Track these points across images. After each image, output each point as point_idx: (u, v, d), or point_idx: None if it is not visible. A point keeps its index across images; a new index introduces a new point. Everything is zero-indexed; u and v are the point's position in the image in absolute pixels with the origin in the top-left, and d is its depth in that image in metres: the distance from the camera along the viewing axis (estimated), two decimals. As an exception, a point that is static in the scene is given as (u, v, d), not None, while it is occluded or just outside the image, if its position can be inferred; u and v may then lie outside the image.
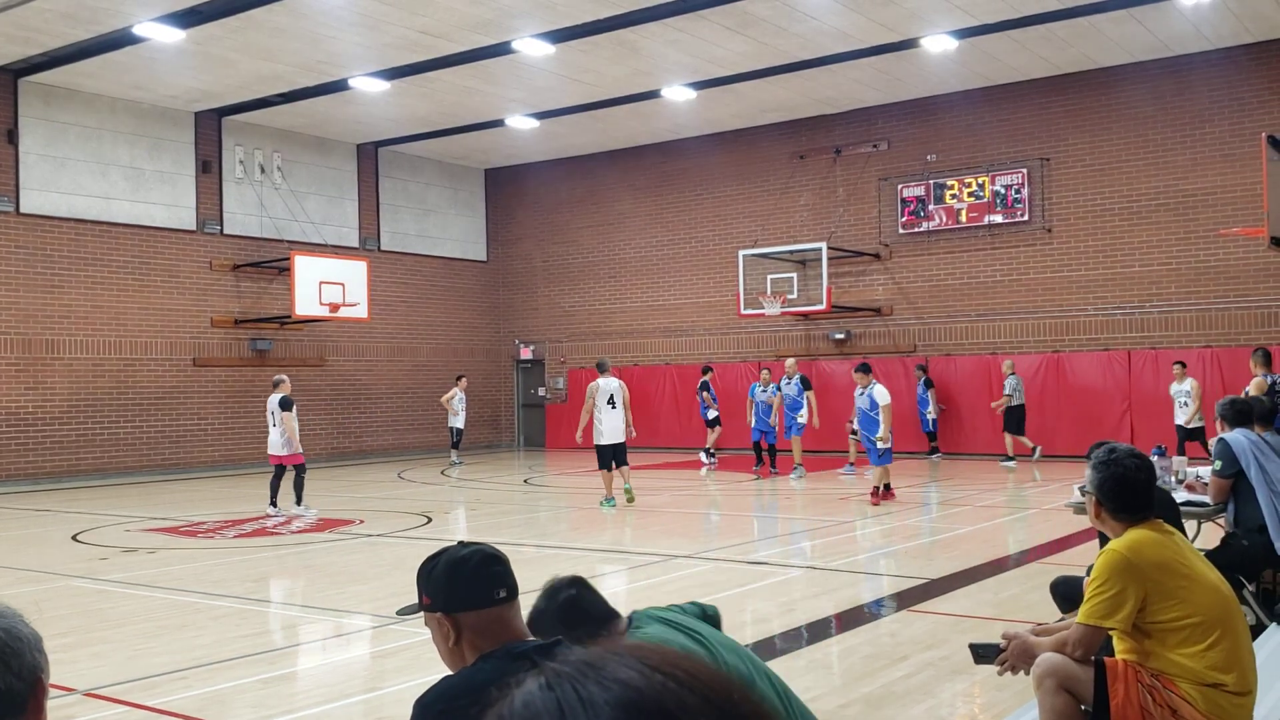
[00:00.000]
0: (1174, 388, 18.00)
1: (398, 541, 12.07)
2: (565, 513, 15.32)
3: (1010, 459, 19.87)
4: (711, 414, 20.89)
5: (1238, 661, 3.57)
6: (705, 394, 20.93)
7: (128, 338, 21.25)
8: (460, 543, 2.58)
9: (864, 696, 5.76)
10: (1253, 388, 12.75)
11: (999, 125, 21.92)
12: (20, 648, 1.65)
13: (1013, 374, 20.14)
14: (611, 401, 14.40)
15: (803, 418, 17.68)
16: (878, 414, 13.89)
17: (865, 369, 14.44)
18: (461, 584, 2.47)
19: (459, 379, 22.84)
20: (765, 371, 19.26)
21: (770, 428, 18.58)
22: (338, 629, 8.05)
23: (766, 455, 18.90)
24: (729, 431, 21.88)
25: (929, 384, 21.47)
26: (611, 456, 14.40)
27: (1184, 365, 18.07)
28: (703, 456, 21.18)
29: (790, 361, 18.75)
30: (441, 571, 2.49)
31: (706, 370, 21.52)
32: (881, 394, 13.99)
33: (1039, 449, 20.00)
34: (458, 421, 22.38)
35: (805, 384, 17.83)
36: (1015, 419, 19.95)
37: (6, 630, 1.65)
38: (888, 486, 14.36)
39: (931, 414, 21.42)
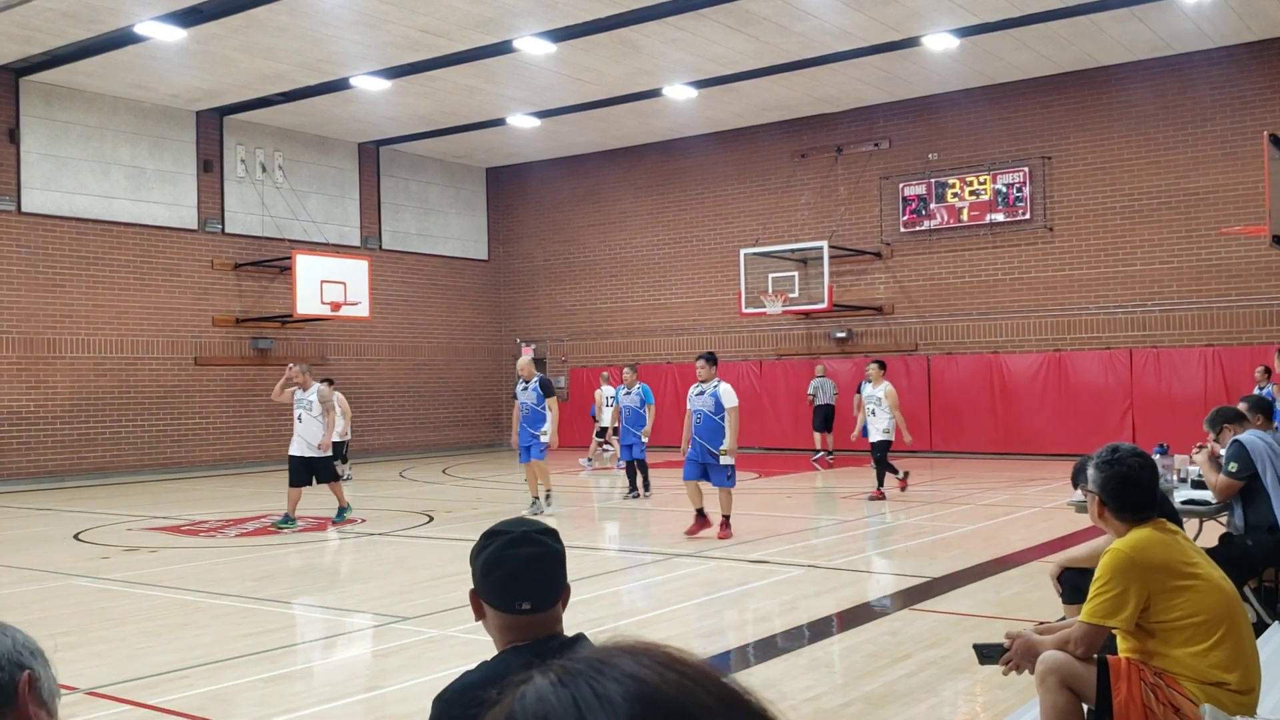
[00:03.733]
0: (866, 391, 15.25)
1: (399, 540, 12.07)
2: (566, 511, 15.32)
3: (829, 453, 20.59)
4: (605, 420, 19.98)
5: (1241, 660, 3.56)
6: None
7: (129, 337, 21.26)
8: (524, 533, 2.49)
9: (866, 695, 5.76)
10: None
11: (1000, 124, 21.91)
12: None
13: (821, 376, 21.09)
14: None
15: (545, 436, 13.81)
16: (723, 418, 11.27)
17: (711, 359, 11.70)
18: (490, 585, 2.46)
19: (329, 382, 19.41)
20: (628, 371, 16.26)
21: (637, 439, 15.68)
22: (339, 628, 8.05)
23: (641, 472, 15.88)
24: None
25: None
26: None
27: (882, 366, 15.38)
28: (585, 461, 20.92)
29: (525, 360, 14.47)
30: (481, 563, 2.47)
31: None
32: (728, 394, 11.36)
33: (832, 455, 20.72)
34: (347, 430, 19.07)
35: (545, 389, 13.96)
36: (820, 418, 20.80)
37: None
38: (726, 516, 11.62)
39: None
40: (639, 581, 9.52)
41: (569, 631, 2.51)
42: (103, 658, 6.87)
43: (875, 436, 14.87)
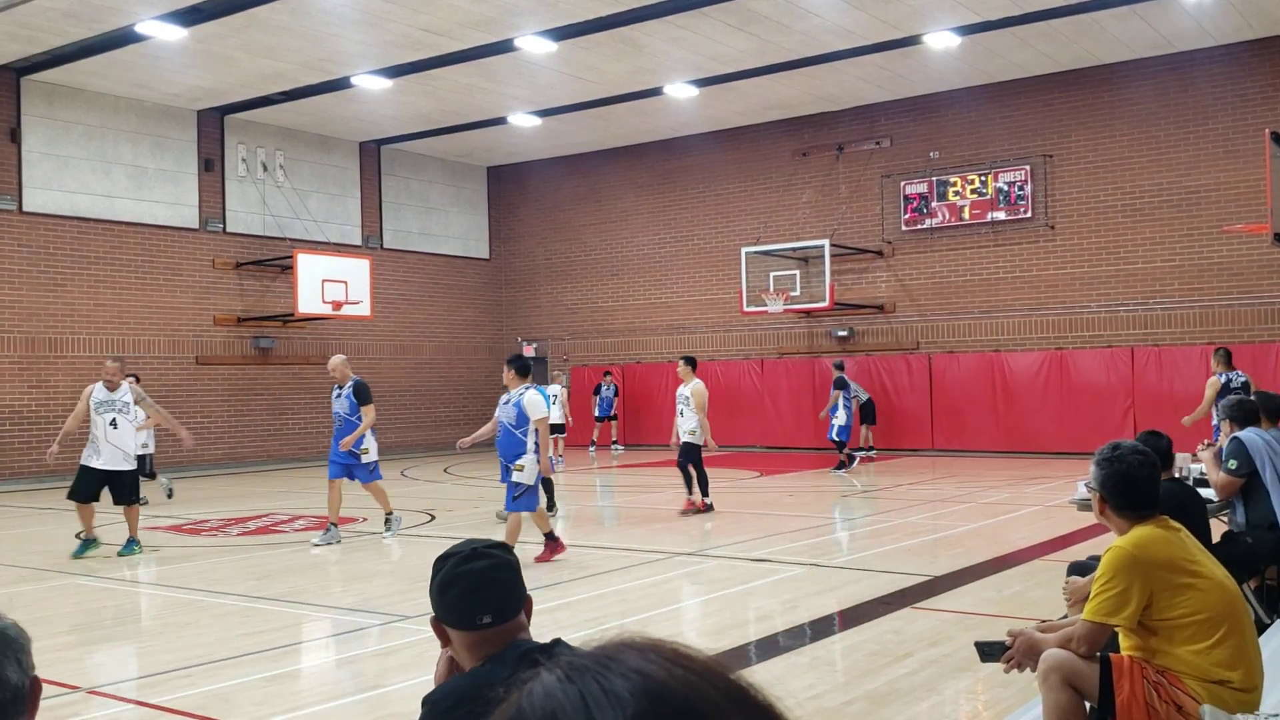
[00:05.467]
0: (679, 390, 13.85)
1: (401, 539, 12.08)
2: (567, 511, 15.32)
3: (870, 449, 20.86)
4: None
5: (1244, 658, 3.56)
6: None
7: (130, 336, 21.26)
8: (474, 550, 2.50)
9: (868, 694, 5.76)
10: (1209, 387, 12.97)
11: (1002, 122, 21.90)
12: (27, 644, 1.66)
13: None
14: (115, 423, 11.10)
15: (368, 455, 12.12)
16: (524, 432, 9.84)
17: (521, 369, 10.17)
18: (447, 605, 2.44)
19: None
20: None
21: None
22: (340, 627, 8.05)
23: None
24: (734, 429, 21.90)
25: (843, 384, 18.82)
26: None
27: (691, 362, 13.79)
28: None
29: (336, 359, 12.13)
30: (436, 585, 2.47)
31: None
32: (534, 405, 9.86)
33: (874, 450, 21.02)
34: (148, 442, 15.82)
35: (360, 395, 11.88)
36: (863, 414, 20.74)
37: (10, 625, 1.65)
38: (553, 535, 10.29)
39: (840, 420, 18.69)
40: (641, 580, 9.52)
41: (570, 634, 2.51)
42: (104, 657, 6.87)
43: (681, 439, 13.55)
